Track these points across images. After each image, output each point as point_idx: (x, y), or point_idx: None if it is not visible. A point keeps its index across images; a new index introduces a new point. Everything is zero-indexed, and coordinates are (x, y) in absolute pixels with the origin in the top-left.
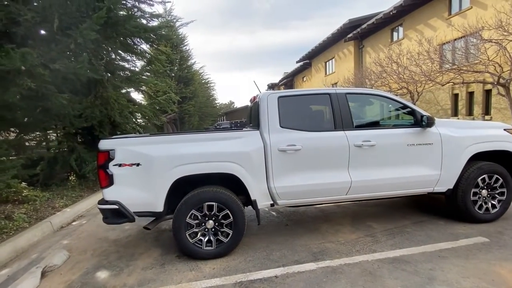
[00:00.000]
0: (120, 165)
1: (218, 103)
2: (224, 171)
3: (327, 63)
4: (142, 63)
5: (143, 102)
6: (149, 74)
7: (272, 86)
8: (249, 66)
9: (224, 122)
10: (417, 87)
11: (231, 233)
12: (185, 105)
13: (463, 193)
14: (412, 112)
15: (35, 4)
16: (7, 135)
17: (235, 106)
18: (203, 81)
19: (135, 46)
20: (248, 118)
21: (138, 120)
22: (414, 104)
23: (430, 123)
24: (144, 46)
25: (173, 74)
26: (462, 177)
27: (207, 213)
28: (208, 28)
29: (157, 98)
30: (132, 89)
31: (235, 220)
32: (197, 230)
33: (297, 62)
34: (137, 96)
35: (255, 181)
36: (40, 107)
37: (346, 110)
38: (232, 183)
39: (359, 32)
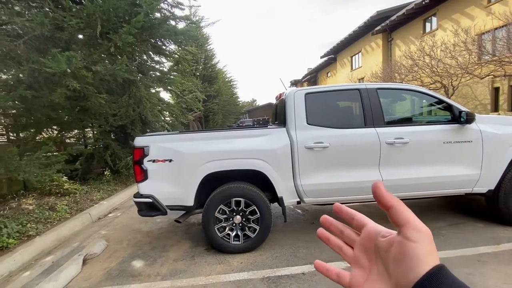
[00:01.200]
0: (153, 161)
1: (241, 101)
2: (251, 168)
3: (353, 57)
4: (170, 63)
5: (170, 101)
6: (176, 74)
7: (295, 83)
8: (271, 63)
9: (246, 120)
10: (452, 80)
11: (258, 229)
12: (210, 103)
13: (506, 195)
14: (450, 108)
15: (76, 10)
16: (51, 133)
17: (257, 104)
18: (226, 80)
19: (165, 48)
20: (273, 115)
21: (166, 118)
22: (449, 99)
23: (469, 119)
24: (172, 47)
25: (198, 73)
26: (505, 178)
27: (235, 208)
28: (231, 26)
29: (184, 97)
30: (161, 88)
31: (262, 216)
32: (225, 224)
33: (322, 57)
34: (165, 95)
35: (282, 178)
36: (79, 107)
37: (377, 106)
38: (259, 180)
39: (388, 24)
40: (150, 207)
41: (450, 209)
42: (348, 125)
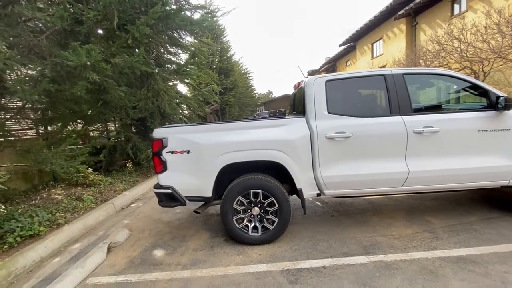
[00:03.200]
0: (172, 152)
1: (257, 93)
2: (269, 159)
3: (374, 44)
4: (186, 56)
5: (188, 94)
6: (192, 66)
7: (312, 73)
8: (288, 54)
9: (263, 112)
10: (483, 66)
11: (276, 221)
12: (226, 96)
13: None
14: (485, 93)
15: (93, 2)
16: (75, 126)
17: (273, 96)
18: (242, 72)
19: (181, 39)
20: (290, 106)
21: (184, 112)
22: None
23: (508, 105)
24: (189, 39)
25: (214, 66)
26: None
27: (253, 200)
28: (247, 16)
29: (201, 89)
30: (178, 81)
31: (280, 208)
32: (243, 216)
33: (340, 45)
34: (182, 88)
35: (301, 170)
36: (101, 100)
37: (403, 92)
38: (278, 172)
39: (412, 8)
40: (169, 198)
41: (483, 203)
42: (372, 113)
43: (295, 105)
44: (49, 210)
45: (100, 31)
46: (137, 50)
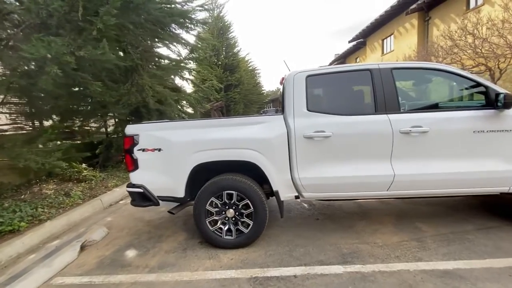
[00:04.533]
0: (143, 150)
1: (265, 90)
2: (243, 159)
3: (385, 40)
4: (186, 51)
5: (189, 90)
6: (191, 62)
7: None
8: (298, 51)
9: (270, 109)
10: (499, 62)
11: (251, 224)
12: (231, 92)
13: None
14: (484, 90)
15: None
16: (73, 123)
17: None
18: (250, 68)
19: (168, 33)
20: (279, 103)
21: (185, 108)
22: (495, 83)
23: (509, 103)
24: (186, 35)
25: (219, 62)
26: None
27: (227, 201)
28: (255, 11)
29: (200, 86)
30: (175, 76)
31: (256, 211)
32: (217, 218)
33: (350, 41)
34: (186, 84)
35: (277, 171)
36: (82, 95)
37: (391, 89)
38: (256, 172)
39: (425, 2)
40: (141, 197)
41: (482, 210)
42: (356, 111)
43: (281, 102)
44: (34, 205)
45: (71, 22)
46: (104, 40)
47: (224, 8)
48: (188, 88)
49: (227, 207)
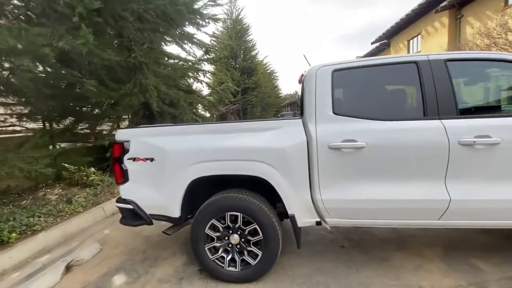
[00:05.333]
0: (134, 159)
1: (283, 93)
2: (251, 174)
3: (411, 41)
4: (202, 52)
5: (204, 93)
6: (206, 63)
7: None
8: (316, 53)
9: (288, 112)
10: None
11: (260, 255)
12: (248, 95)
13: None
14: None
15: None
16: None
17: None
18: (268, 71)
19: (176, 29)
20: (298, 106)
21: (200, 111)
22: None
23: None
24: (200, 34)
25: (237, 66)
26: None
27: (231, 225)
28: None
29: (215, 88)
30: (189, 78)
31: (266, 239)
32: (218, 244)
33: (372, 43)
34: (201, 87)
35: (294, 190)
36: (73, 96)
37: (445, 86)
38: (268, 188)
39: None
40: (132, 215)
41: None
42: (397, 115)
43: (300, 104)
44: (32, 213)
45: (55, 13)
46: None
47: (242, 11)
48: (203, 91)
49: (230, 231)
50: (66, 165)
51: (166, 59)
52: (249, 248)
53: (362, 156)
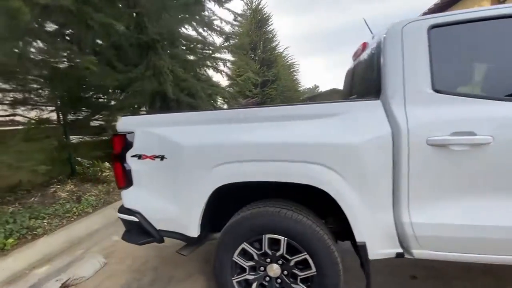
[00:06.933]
0: (139, 156)
1: (302, 87)
2: (301, 182)
3: None
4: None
5: (222, 84)
6: (226, 51)
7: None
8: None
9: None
10: None
11: None
12: (267, 88)
13: None
14: None
15: None
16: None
17: (319, 90)
18: (287, 64)
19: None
20: (345, 87)
21: (219, 103)
22: None
23: None
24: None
25: (256, 57)
26: None
27: (269, 252)
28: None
29: (235, 79)
30: (208, 68)
31: (321, 275)
32: (251, 277)
33: None
34: (220, 78)
35: (368, 207)
36: (74, 79)
37: None
38: (316, 198)
39: None
40: (137, 229)
41: None
42: None
43: (354, 84)
44: (35, 214)
45: None
46: None
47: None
48: (220, 82)
49: (268, 260)
50: (79, 159)
51: (184, 42)
52: (295, 286)
53: (485, 157)
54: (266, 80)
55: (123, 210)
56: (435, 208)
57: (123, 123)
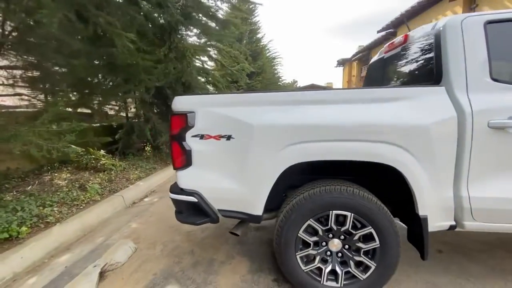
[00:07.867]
0: (201, 136)
1: (283, 80)
2: (375, 160)
3: None
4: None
5: (215, 72)
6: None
7: (342, 63)
8: (315, 42)
9: None
10: None
11: (373, 267)
12: (253, 81)
13: None
14: None
15: None
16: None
17: (298, 85)
18: (271, 57)
19: None
20: (375, 75)
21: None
22: None
23: None
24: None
25: (243, 48)
26: None
27: (334, 227)
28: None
29: (230, 68)
30: (203, 56)
31: (384, 247)
32: (314, 252)
33: (379, 31)
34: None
35: (434, 184)
36: (103, 56)
37: None
38: (378, 179)
39: None
40: (194, 210)
41: None
42: None
43: (389, 72)
44: (41, 201)
45: None
46: None
47: None
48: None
49: (330, 235)
50: (73, 146)
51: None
52: (357, 258)
53: None
54: (252, 72)
55: (177, 190)
56: (491, 183)
57: (182, 103)
